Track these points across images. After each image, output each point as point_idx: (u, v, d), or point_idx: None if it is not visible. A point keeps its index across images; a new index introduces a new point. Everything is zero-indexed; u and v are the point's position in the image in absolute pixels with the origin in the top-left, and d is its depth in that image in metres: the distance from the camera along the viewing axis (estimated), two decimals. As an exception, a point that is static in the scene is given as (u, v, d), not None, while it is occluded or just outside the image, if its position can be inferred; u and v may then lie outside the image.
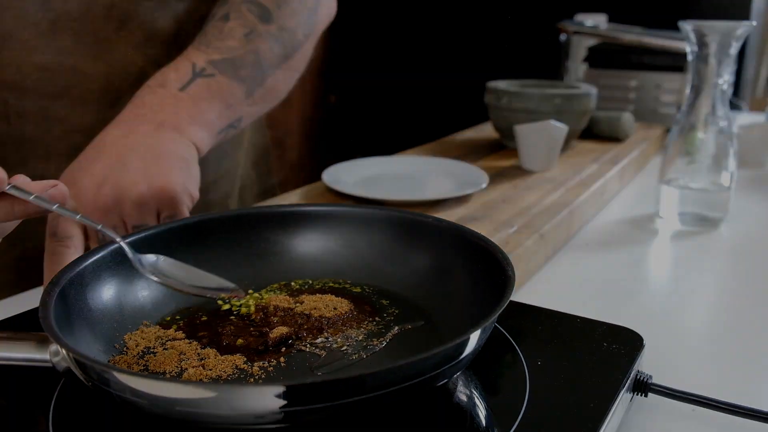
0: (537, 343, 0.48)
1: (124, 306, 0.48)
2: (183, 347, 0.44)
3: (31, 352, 0.39)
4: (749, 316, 0.62)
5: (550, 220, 0.73)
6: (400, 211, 0.55)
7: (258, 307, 0.50)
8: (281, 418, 0.32)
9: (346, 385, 0.33)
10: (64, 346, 0.35)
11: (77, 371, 0.36)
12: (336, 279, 0.55)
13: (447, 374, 0.37)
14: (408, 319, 0.49)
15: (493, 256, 0.46)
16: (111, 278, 0.47)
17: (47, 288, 0.41)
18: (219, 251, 0.54)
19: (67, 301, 0.42)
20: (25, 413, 0.41)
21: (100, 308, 0.46)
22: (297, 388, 0.32)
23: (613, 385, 0.42)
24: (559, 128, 0.92)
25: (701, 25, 0.76)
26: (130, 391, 0.33)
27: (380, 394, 0.33)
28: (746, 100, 1.90)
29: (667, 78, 1.26)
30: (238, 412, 0.32)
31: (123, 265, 0.48)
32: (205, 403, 0.32)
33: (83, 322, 0.43)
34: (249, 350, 0.45)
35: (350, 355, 0.44)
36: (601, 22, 1.40)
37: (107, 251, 0.47)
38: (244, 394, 0.32)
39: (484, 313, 0.38)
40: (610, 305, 0.63)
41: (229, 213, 0.56)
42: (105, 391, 0.35)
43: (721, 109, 0.80)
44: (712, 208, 0.83)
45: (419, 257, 0.53)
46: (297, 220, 0.56)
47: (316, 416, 0.33)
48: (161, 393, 0.33)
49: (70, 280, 0.43)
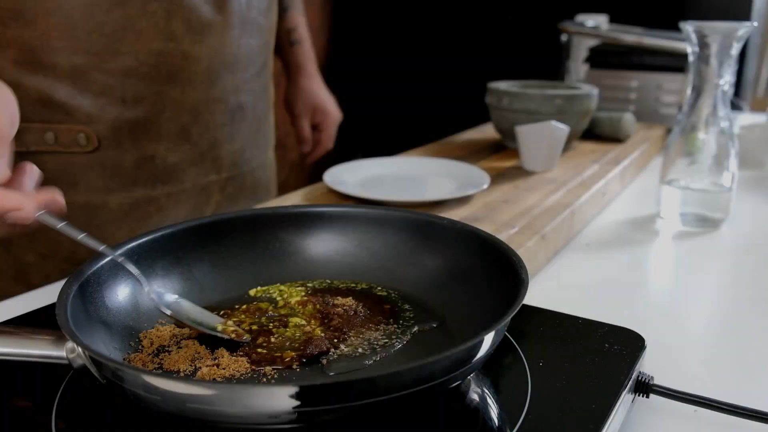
0: (539, 343, 0.48)
1: (140, 304, 0.48)
2: (197, 346, 0.45)
3: (48, 349, 0.39)
4: (751, 316, 0.62)
5: (552, 220, 0.73)
6: (414, 213, 0.56)
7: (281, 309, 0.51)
8: (295, 418, 0.32)
9: (359, 386, 0.33)
10: (80, 343, 0.36)
11: (92, 368, 0.37)
12: (351, 280, 0.55)
13: (460, 376, 0.37)
14: (423, 320, 0.49)
15: (508, 258, 0.46)
16: (127, 277, 0.48)
17: (64, 286, 0.42)
18: (234, 251, 0.55)
19: (83, 299, 0.43)
20: (30, 409, 0.42)
21: (116, 306, 0.46)
22: (311, 389, 0.32)
23: (615, 386, 0.42)
24: (560, 129, 0.92)
25: (702, 25, 0.76)
26: (144, 389, 0.34)
27: (393, 397, 0.34)
28: (747, 101, 1.90)
29: (668, 78, 1.26)
30: (252, 412, 0.33)
31: (139, 264, 0.49)
32: (219, 402, 0.32)
33: (99, 320, 0.44)
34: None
35: (366, 356, 0.45)
36: (602, 22, 1.40)
37: (123, 250, 0.48)
38: (259, 393, 0.33)
39: (498, 316, 0.38)
40: (611, 306, 0.63)
41: (243, 213, 0.57)
42: (119, 388, 0.35)
43: (722, 109, 0.80)
44: (713, 209, 0.83)
45: (433, 258, 0.53)
46: (312, 220, 0.57)
47: (330, 417, 0.33)
48: (176, 390, 0.33)
49: (86, 279, 0.44)
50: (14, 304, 0.62)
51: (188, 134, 0.80)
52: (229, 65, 0.81)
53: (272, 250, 0.56)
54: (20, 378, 0.44)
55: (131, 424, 0.40)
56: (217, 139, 0.84)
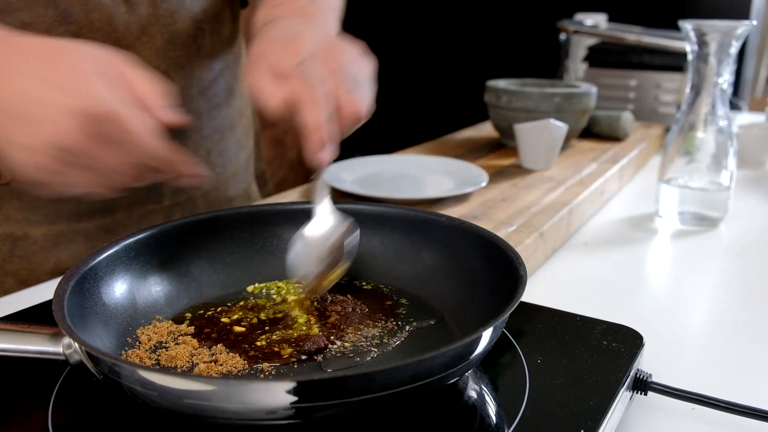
0: (537, 341, 0.48)
1: (137, 300, 0.48)
2: (195, 342, 0.45)
3: (44, 345, 0.39)
4: (748, 314, 0.62)
5: (550, 218, 0.73)
6: (413, 210, 0.55)
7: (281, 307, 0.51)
8: (292, 414, 0.32)
9: (356, 382, 0.33)
10: (76, 339, 0.36)
11: (89, 364, 0.37)
12: (349, 276, 0.55)
13: (458, 373, 0.37)
14: (421, 317, 0.49)
15: (506, 254, 0.46)
16: (124, 273, 0.48)
17: (61, 282, 0.42)
18: (232, 248, 0.55)
19: (80, 294, 0.43)
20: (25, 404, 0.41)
21: (114, 302, 0.46)
22: (308, 385, 0.32)
23: (613, 383, 0.42)
24: (558, 127, 0.92)
25: (701, 24, 0.76)
26: (141, 384, 0.34)
27: (391, 393, 0.33)
28: (746, 101, 1.90)
29: (667, 77, 1.26)
30: (249, 408, 0.33)
31: (136, 260, 0.49)
32: (216, 398, 0.32)
33: (96, 316, 0.44)
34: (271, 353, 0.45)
35: (364, 353, 0.45)
36: (600, 21, 1.40)
37: (121, 246, 0.48)
38: (256, 389, 0.32)
39: (496, 312, 0.38)
40: (609, 304, 0.63)
41: (241, 209, 0.57)
42: (116, 384, 0.35)
43: (721, 108, 0.80)
44: (712, 208, 0.83)
45: (432, 255, 0.53)
46: (309, 217, 0.57)
47: (327, 412, 0.33)
48: (173, 386, 0.33)
49: (83, 275, 0.44)
50: (14, 299, 0.62)
51: None
52: None
53: (270, 247, 0.56)
54: (17, 374, 0.44)
55: (128, 420, 0.40)
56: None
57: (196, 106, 0.78)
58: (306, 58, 0.50)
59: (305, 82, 0.49)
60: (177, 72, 0.73)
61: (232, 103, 0.85)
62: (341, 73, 0.51)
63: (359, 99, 0.51)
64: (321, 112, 0.48)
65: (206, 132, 0.81)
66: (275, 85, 0.51)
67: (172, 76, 0.72)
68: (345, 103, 0.51)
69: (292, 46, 0.52)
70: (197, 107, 0.78)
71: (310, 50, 0.52)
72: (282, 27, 0.58)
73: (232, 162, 0.87)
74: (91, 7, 0.65)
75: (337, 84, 0.50)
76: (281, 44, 0.53)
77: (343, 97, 0.51)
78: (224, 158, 0.85)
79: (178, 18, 0.72)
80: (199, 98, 0.78)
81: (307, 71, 0.50)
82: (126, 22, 0.68)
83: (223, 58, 0.81)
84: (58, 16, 0.64)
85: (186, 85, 0.75)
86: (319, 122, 0.48)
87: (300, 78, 0.50)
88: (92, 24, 0.65)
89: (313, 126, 0.48)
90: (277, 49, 0.53)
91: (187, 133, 0.77)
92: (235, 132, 0.87)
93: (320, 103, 0.48)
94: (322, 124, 0.48)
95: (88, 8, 0.65)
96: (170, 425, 0.38)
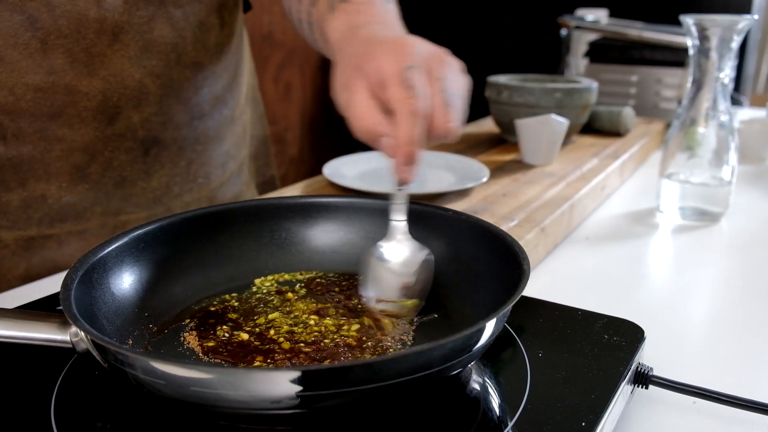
0: (538, 335, 0.48)
1: (145, 292, 0.49)
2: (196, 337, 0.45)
3: (52, 333, 0.40)
4: (749, 309, 0.62)
5: (551, 214, 0.73)
6: (418, 203, 0.56)
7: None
8: (297, 403, 0.33)
9: (360, 371, 0.33)
10: (82, 327, 0.36)
11: (95, 352, 0.37)
12: (356, 270, 0.55)
13: (461, 364, 0.38)
14: (425, 309, 0.49)
15: (510, 248, 0.46)
16: (133, 264, 0.48)
17: (70, 271, 0.42)
18: (240, 241, 0.55)
19: (88, 285, 0.43)
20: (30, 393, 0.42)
21: (121, 293, 0.47)
22: (312, 374, 0.32)
23: (614, 377, 0.42)
24: (559, 122, 0.92)
25: (702, 18, 0.76)
26: (146, 372, 0.34)
27: (395, 383, 0.34)
28: (747, 96, 1.90)
29: (668, 73, 1.26)
30: (254, 396, 0.33)
31: (145, 251, 0.49)
32: (221, 386, 0.32)
33: (104, 306, 0.44)
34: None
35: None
36: (602, 17, 1.40)
37: (130, 237, 0.48)
38: (261, 378, 0.33)
39: (498, 304, 0.38)
40: (610, 298, 0.64)
41: (249, 203, 0.57)
42: (121, 373, 0.35)
43: (722, 103, 0.80)
44: (713, 203, 0.83)
45: (436, 249, 0.53)
46: (317, 210, 0.57)
47: (332, 402, 0.33)
48: (178, 374, 0.33)
49: (92, 265, 0.44)
50: (22, 292, 0.62)
51: (85, 174, 0.71)
52: (133, 99, 0.71)
53: (278, 240, 0.56)
54: (23, 361, 0.44)
55: (132, 409, 0.40)
56: (126, 178, 0.74)
57: (175, 116, 0.76)
58: (414, 64, 0.47)
59: (407, 91, 0.46)
60: (153, 81, 0.71)
61: (218, 113, 0.82)
62: (441, 84, 0.48)
63: (453, 115, 0.48)
64: (416, 126, 0.45)
65: (186, 143, 0.79)
66: (372, 101, 0.48)
67: (147, 85, 0.71)
68: (438, 115, 0.47)
69: (399, 49, 0.49)
70: (176, 118, 0.76)
71: (419, 56, 0.49)
72: (374, 31, 0.56)
73: (216, 173, 0.85)
74: (59, 14, 0.64)
75: (434, 95, 0.47)
76: (386, 48, 0.49)
77: (438, 110, 0.47)
78: (208, 169, 0.83)
79: (154, 26, 0.70)
80: (177, 108, 0.76)
81: (412, 79, 0.46)
82: (97, 30, 0.66)
83: (209, 68, 0.79)
84: (24, 21, 0.63)
85: (163, 95, 0.74)
86: (412, 137, 0.45)
87: (402, 86, 0.46)
88: (60, 30, 0.64)
89: (406, 140, 0.45)
90: (381, 54, 0.49)
91: (164, 143, 0.76)
92: (223, 142, 0.85)
93: (418, 117, 0.45)
94: (414, 139, 0.45)
95: (56, 14, 0.63)
96: (174, 416, 0.38)
